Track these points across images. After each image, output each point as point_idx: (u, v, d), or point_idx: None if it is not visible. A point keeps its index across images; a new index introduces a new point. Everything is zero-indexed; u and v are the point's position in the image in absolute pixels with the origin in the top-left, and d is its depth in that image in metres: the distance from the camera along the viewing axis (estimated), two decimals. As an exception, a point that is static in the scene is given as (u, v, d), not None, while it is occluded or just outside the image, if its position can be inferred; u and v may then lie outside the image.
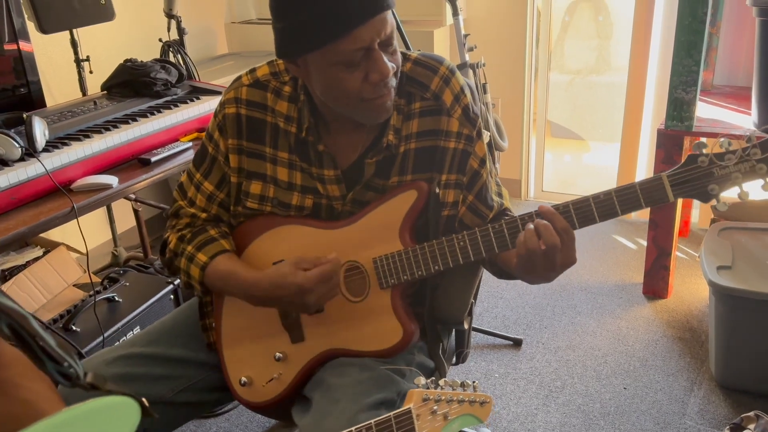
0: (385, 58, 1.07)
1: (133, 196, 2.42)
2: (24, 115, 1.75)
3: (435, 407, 0.99)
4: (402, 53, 1.18)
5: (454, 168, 1.21)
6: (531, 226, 1.06)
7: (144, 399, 0.72)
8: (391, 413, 0.97)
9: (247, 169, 1.24)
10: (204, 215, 1.28)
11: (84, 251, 2.64)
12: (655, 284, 2.55)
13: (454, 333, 1.42)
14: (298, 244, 1.22)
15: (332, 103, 1.14)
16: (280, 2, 1.06)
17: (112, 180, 1.75)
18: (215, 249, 1.23)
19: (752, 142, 1.01)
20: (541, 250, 1.05)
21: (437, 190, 1.19)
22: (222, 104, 1.24)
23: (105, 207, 2.71)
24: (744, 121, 2.30)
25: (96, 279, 2.22)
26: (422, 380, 1.01)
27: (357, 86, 1.08)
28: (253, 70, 1.24)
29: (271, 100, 1.21)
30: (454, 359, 1.45)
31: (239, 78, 1.25)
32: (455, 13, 2.72)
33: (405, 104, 1.19)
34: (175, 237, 1.27)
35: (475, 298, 1.41)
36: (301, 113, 1.19)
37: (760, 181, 1.02)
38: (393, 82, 1.12)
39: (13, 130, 1.70)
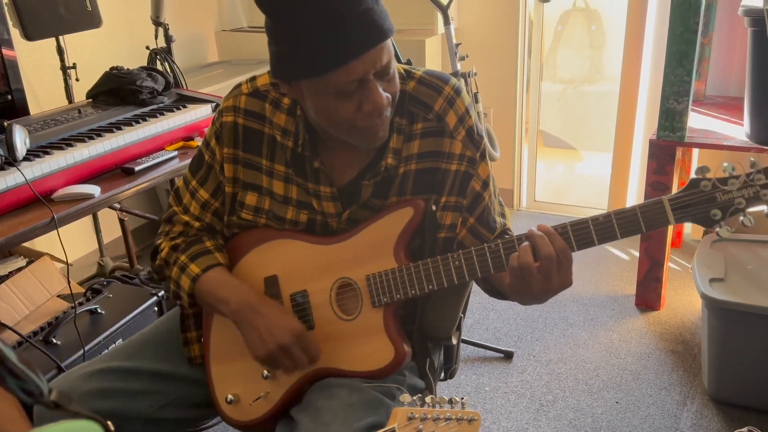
0: (381, 88, 1.04)
1: (118, 206, 2.38)
2: (5, 123, 1.72)
3: (420, 426, 0.95)
4: (406, 71, 1.16)
5: (454, 190, 1.18)
6: (526, 242, 1.03)
7: (110, 423, 0.68)
8: None
9: (243, 180, 1.21)
10: (198, 224, 1.25)
11: (68, 261, 2.60)
12: (648, 296, 2.52)
13: (442, 348, 1.39)
14: (291, 259, 1.20)
15: (325, 126, 1.11)
16: (276, 27, 1.02)
17: (93, 190, 1.71)
18: (209, 261, 1.21)
19: (756, 168, 0.98)
20: (535, 267, 1.01)
21: (433, 208, 1.16)
22: (220, 112, 1.21)
23: (91, 216, 2.67)
24: (736, 131, 2.29)
25: (80, 290, 2.18)
26: (407, 398, 0.97)
27: (349, 115, 1.05)
28: (253, 79, 1.21)
29: (270, 111, 1.18)
30: (443, 375, 1.41)
31: (239, 86, 1.22)
32: (447, 23, 2.69)
33: (407, 125, 1.16)
34: (168, 245, 1.25)
35: (464, 312, 1.38)
36: (298, 127, 1.16)
37: (764, 208, 0.99)
38: (388, 112, 1.08)
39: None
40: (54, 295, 2.36)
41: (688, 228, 3.03)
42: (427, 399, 1.00)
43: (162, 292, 2.03)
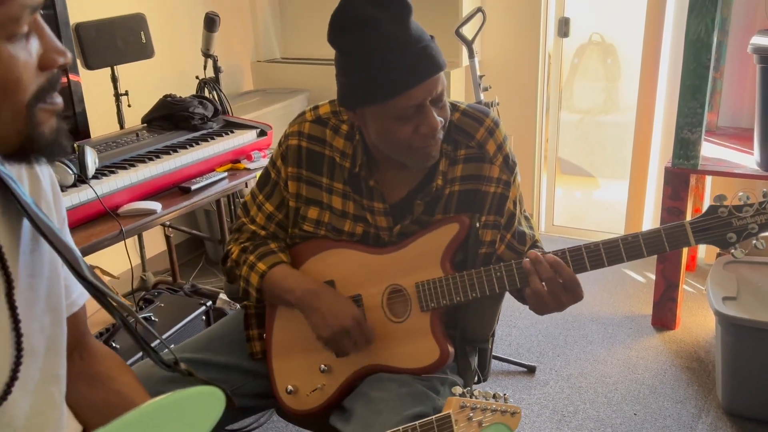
0: (435, 113, 1.20)
1: (167, 222, 2.55)
2: (76, 145, 1.90)
3: (471, 414, 1.09)
4: (451, 104, 1.31)
5: (492, 210, 1.33)
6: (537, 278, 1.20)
7: (226, 389, 0.83)
8: (433, 417, 1.07)
9: (305, 196, 1.37)
10: (263, 233, 1.40)
11: (116, 275, 2.76)
12: (664, 316, 2.64)
13: (477, 353, 1.53)
14: (347, 266, 1.34)
15: (383, 148, 1.27)
16: (346, 60, 1.19)
17: (156, 206, 1.88)
18: (274, 260, 1.35)
19: None
20: (545, 292, 1.20)
21: (477, 225, 1.31)
22: (286, 136, 1.38)
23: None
24: (747, 160, 2.42)
25: (127, 302, 2.33)
26: (459, 389, 1.11)
27: (407, 136, 1.20)
28: (316, 107, 1.38)
29: (330, 136, 1.34)
30: (477, 378, 1.55)
31: (303, 114, 1.38)
32: (471, 55, 2.86)
33: (452, 150, 1.31)
34: (238, 248, 1.40)
35: (497, 320, 1.52)
36: (356, 150, 1.32)
37: None
38: (440, 134, 1.24)
39: (65, 158, 1.84)
40: (101, 307, 2.50)
41: (702, 252, 3.15)
42: (476, 392, 1.15)
43: (210, 302, 2.18)
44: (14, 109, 0.70)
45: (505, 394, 1.16)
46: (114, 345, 1.94)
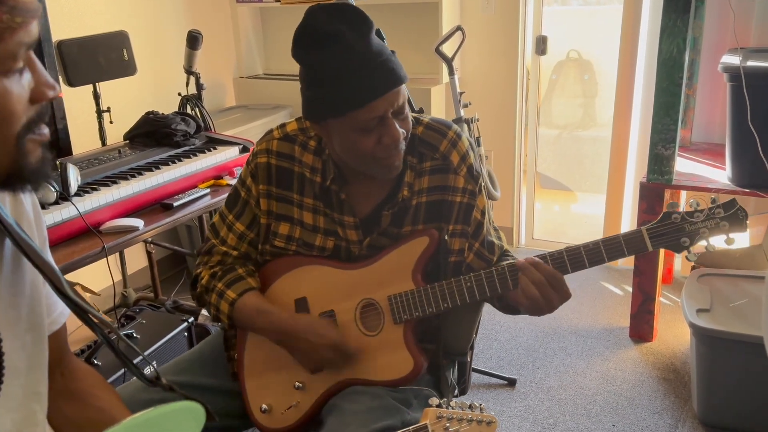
0: (397, 125, 1.23)
1: (149, 239, 2.55)
2: (58, 162, 1.90)
3: (447, 424, 1.12)
4: (415, 118, 1.35)
5: (459, 219, 1.36)
6: (526, 279, 1.24)
7: (206, 404, 0.85)
8: (411, 428, 1.09)
9: (276, 212, 1.38)
10: (235, 253, 1.41)
11: (97, 291, 2.75)
12: (641, 328, 2.69)
13: (456, 366, 1.55)
14: (319, 283, 1.36)
15: (348, 159, 1.30)
16: (310, 75, 1.23)
17: (138, 222, 1.89)
18: (243, 287, 1.36)
19: (716, 203, 1.21)
20: (538, 295, 1.23)
21: (446, 237, 1.34)
22: (254, 154, 1.39)
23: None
24: (719, 175, 2.49)
25: (109, 318, 2.33)
26: (436, 400, 1.13)
27: (370, 147, 1.24)
28: (283, 125, 1.40)
29: (298, 152, 1.37)
30: (456, 391, 1.57)
31: (271, 132, 1.40)
32: (451, 73, 2.91)
33: (417, 163, 1.35)
34: (208, 273, 1.40)
35: (476, 333, 1.55)
36: (326, 165, 1.34)
37: (724, 236, 1.21)
38: (403, 145, 1.28)
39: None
40: (83, 324, 2.49)
41: (678, 265, 3.21)
42: (452, 403, 1.17)
43: (192, 318, 2.18)
44: (4, 140, 0.73)
45: (481, 404, 1.18)
46: (95, 362, 1.94)
